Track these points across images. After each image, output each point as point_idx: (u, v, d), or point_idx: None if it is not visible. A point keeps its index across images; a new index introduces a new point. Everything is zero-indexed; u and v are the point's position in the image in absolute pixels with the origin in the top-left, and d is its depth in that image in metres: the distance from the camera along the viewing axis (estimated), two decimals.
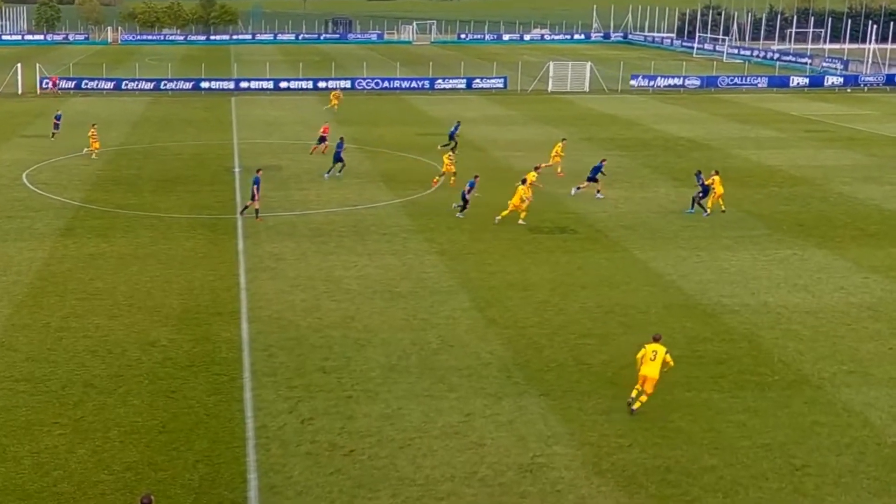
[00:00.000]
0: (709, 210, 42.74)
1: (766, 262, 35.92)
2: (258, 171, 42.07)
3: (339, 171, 50.39)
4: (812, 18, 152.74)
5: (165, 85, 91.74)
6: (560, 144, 52.63)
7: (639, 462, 20.73)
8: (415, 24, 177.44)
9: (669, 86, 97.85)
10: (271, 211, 42.60)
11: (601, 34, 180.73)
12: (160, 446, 21.10)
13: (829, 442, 21.87)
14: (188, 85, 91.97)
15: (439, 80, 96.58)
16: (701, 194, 43.13)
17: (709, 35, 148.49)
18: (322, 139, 55.67)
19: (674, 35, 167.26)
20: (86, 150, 54.91)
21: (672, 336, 27.96)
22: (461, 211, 41.02)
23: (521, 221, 40.33)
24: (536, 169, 45.21)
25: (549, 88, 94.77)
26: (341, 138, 52.47)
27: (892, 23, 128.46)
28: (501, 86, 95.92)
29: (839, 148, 61.54)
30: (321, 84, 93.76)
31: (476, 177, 41.92)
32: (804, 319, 29.75)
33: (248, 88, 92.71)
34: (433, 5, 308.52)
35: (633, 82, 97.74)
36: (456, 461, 20.63)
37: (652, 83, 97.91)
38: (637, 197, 46.66)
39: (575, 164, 54.82)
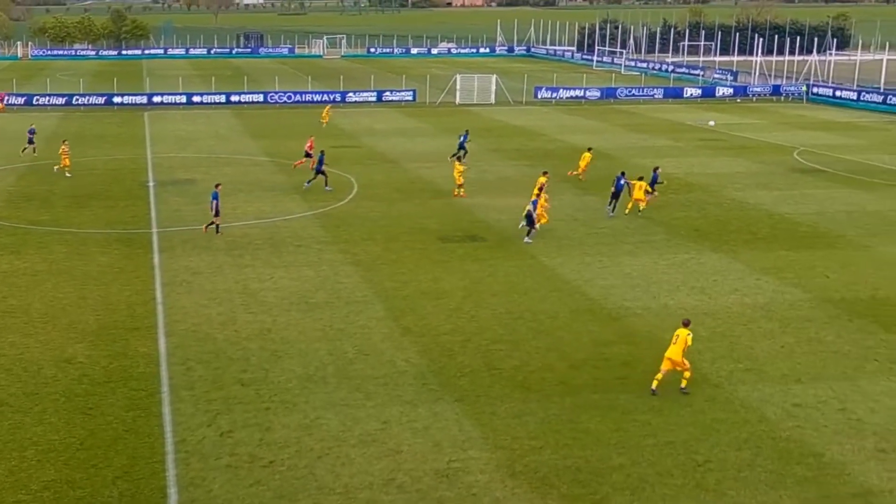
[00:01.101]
0: (626, 211, 44.29)
1: (666, 266, 36.38)
2: (217, 185, 41.36)
3: (325, 185, 49.87)
4: (703, 32, 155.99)
5: (77, 100, 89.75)
6: (588, 154, 53.67)
7: (550, 463, 20.82)
8: (325, 38, 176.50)
9: (571, 97, 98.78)
10: (186, 224, 42.06)
11: (505, 48, 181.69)
12: (78, 464, 20.57)
13: (729, 438, 22.20)
14: (101, 100, 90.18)
15: (350, 94, 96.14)
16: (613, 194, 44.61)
17: (607, 48, 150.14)
18: (307, 154, 54.37)
19: (574, 48, 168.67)
20: (56, 167, 53.51)
21: (579, 339, 28.34)
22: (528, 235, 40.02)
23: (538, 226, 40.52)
24: (545, 174, 46.09)
25: (457, 101, 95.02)
26: (322, 152, 51.81)
27: (776, 36, 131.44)
28: (411, 98, 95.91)
29: (731, 156, 62.59)
30: (234, 98, 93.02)
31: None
32: (702, 320, 30.05)
33: (161, 103, 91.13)
34: (343, 20, 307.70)
35: (537, 94, 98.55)
36: (374, 468, 20.50)
37: (555, 95, 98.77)
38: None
39: (484, 174, 55.26)
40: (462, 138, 59.89)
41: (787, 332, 29.30)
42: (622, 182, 44.29)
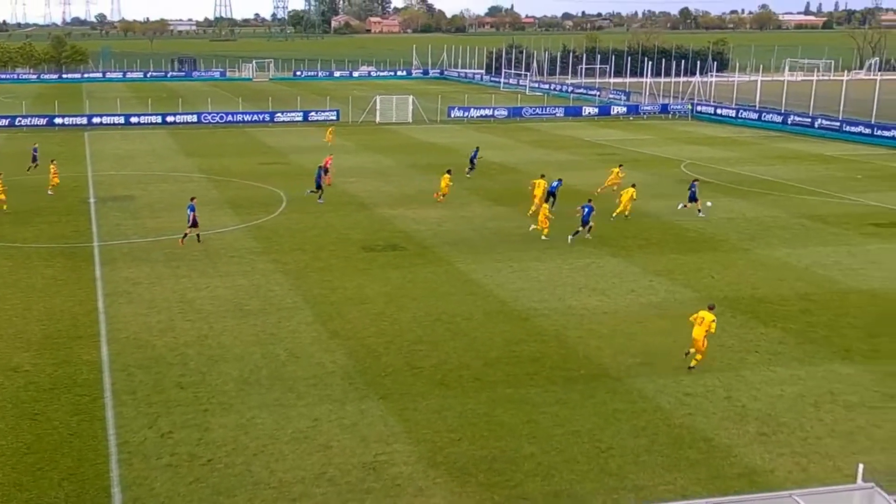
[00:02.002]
0: (613, 215, 45.45)
1: (570, 270, 36.65)
2: (192, 199, 41.11)
3: (320, 197, 50.34)
4: (598, 56, 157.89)
5: (20, 121, 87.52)
6: (617, 169, 53.79)
7: (468, 454, 20.85)
8: (254, 62, 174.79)
9: (481, 116, 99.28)
10: (126, 238, 41.33)
11: (421, 71, 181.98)
12: (26, 468, 20.05)
13: (628, 426, 22.44)
14: (42, 121, 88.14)
15: (278, 114, 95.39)
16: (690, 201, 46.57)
17: (513, 71, 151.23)
18: (325, 170, 54.38)
19: (483, 71, 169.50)
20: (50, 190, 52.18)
21: (492, 339, 28.41)
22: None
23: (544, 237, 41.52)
24: (560, 181, 48.03)
25: (377, 120, 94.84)
26: (319, 167, 52.31)
27: (664, 60, 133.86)
28: (335, 118, 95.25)
29: (626, 168, 63.18)
30: (169, 118, 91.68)
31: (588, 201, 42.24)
32: (603, 319, 30.46)
33: (101, 124, 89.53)
34: (270, 45, 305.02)
35: (450, 113, 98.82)
36: (306, 463, 20.33)
37: (466, 114, 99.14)
38: (457, 216, 46.97)
39: (402, 188, 55.21)
40: (473, 154, 61.05)
41: (679, 327, 29.41)
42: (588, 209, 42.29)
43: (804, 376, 25.65)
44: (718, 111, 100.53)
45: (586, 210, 41.28)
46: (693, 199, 47.22)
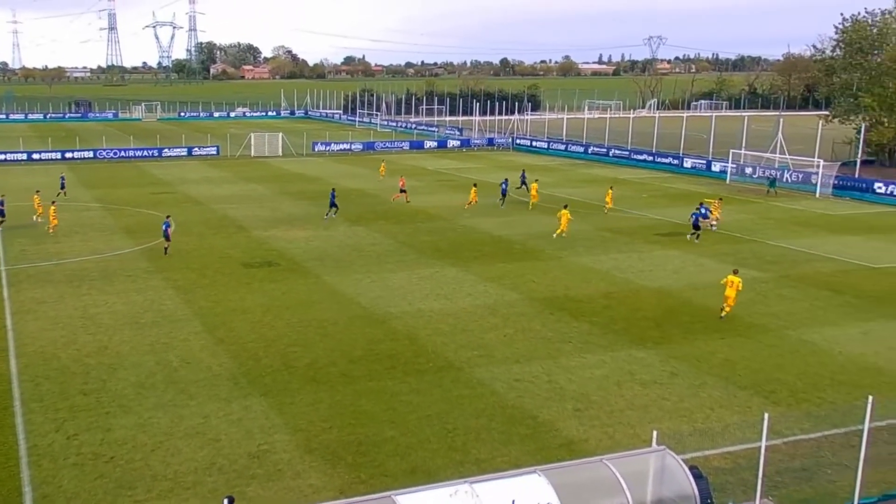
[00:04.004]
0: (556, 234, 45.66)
1: (417, 279, 36.71)
2: (168, 216, 42.50)
3: (335, 214, 51.37)
4: (436, 98, 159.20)
5: None
6: (610, 191, 55.24)
7: (338, 440, 20.58)
8: (143, 104, 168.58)
9: (341, 149, 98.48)
10: (31, 262, 39.10)
11: (288, 111, 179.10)
12: None
13: (470, 409, 22.57)
14: None
15: (165, 149, 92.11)
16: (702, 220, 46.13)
17: (366, 111, 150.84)
18: (402, 190, 58.13)
19: (341, 111, 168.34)
20: (46, 223, 48.29)
21: (355, 340, 28.15)
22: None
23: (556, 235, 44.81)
24: (565, 207, 47.28)
25: (252, 154, 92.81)
26: (333, 189, 53.21)
27: (488, 101, 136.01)
28: (215, 153, 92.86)
29: (461, 193, 63.52)
30: (68, 154, 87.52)
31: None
32: (446, 319, 30.59)
33: (5, 160, 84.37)
34: (157, 89, 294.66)
35: (314, 147, 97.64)
36: (198, 456, 19.64)
37: (328, 148, 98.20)
38: (322, 235, 46.42)
39: (275, 212, 54.17)
40: (521, 176, 65.01)
41: (508, 324, 30.11)
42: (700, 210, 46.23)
43: (608, 361, 26.37)
44: (534, 143, 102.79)
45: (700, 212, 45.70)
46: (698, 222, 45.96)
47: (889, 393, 23.46)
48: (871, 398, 17.18)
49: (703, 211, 46.52)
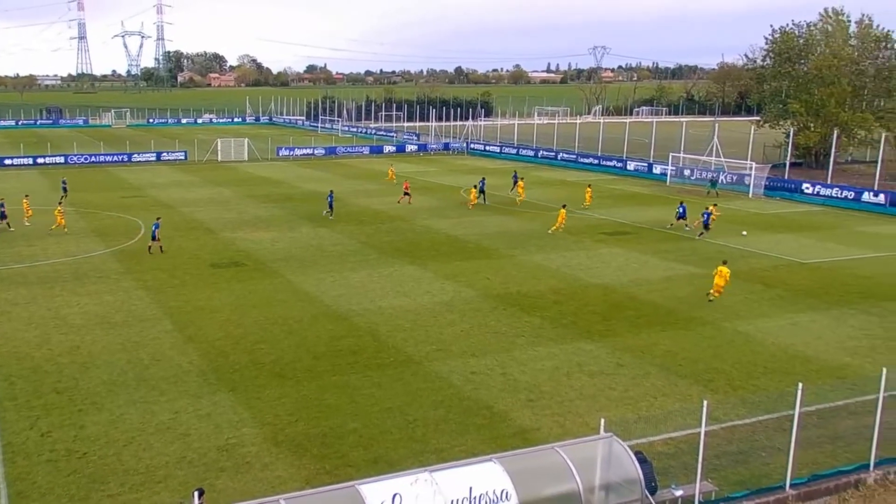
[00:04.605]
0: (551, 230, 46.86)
1: (378, 277, 36.56)
2: (158, 218, 42.68)
3: (331, 215, 51.88)
4: (394, 105, 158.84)
5: None
6: (589, 189, 57.31)
7: (304, 432, 20.39)
8: (113, 111, 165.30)
9: (304, 154, 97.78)
10: (4, 265, 38.19)
11: (254, 118, 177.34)
12: None
13: (429, 401, 22.51)
14: None
15: (135, 155, 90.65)
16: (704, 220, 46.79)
17: (328, 117, 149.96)
18: (406, 193, 58.55)
19: (304, 118, 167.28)
20: (30, 224, 48.31)
21: (319, 336, 27.93)
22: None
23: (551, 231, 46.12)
24: (564, 206, 48.57)
25: (219, 159, 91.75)
26: (331, 191, 54.79)
27: (444, 107, 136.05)
28: (183, 158, 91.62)
29: (419, 194, 63.54)
30: (39, 160, 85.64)
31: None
32: (405, 316, 30.47)
33: None
34: (126, 97, 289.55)
35: (279, 152, 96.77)
36: (169, 450, 19.31)
37: (292, 153, 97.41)
38: (287, 237, 46.03)
39: (242, 214, 53.60)
40: (514, 177, 65.02)
41: (464, 320, 30.08)
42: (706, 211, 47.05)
43: (558, 353, 26.47)
44: (487, 147, 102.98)
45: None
46: (682, 216, 48.89)
47: (817, 380, 23.94)
48: (800, 385, 17.53)
49: (705, 215, 47.15)
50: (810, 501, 17.66)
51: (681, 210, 49.12)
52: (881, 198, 58.96)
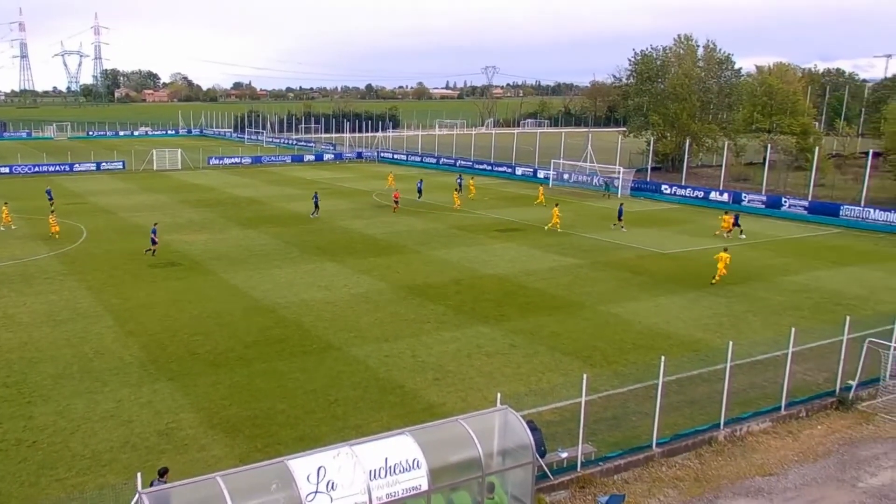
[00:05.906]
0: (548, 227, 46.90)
1: (301, 273, 35.97)
2: (155, 224, 41.25)
3: (317, 214, 51.76)
4: (313, 118, 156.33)
5: None
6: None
7: (237, 416, 19.92)
8: (55, 124, 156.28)
9: (232, 163, 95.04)
10: None
11: (186, 130, 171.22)
12: None
13: (349, 382, 22.33)
14: None
15: (76, 165, 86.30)
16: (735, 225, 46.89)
17: (253, 129, 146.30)
18: (396, 201, 56.72)
19: (232, 130, 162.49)
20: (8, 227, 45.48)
21: (249, 328, 27.30)
22: None
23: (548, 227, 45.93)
24: (556, 205, 49.39)
25: (155, 168, 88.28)
26: (316, 193, 55.50)
27: (357, 120, 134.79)
28: (121, 167, 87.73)
29: (337, 198, 62.88)
30: None
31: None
32: (326, 307, 30.11)
33: None
34: (67, 111, 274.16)
35: (209, 161, 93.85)
36: (113, 436, 18.56)
37: (221, 161, 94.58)
38: (218, 238, 44.73)
39: (176, 218, 51.78)
40: (458, 180, 64.04)
41: (378, 309, 29.94)
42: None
43: (460, 337, 26.62)
44: (395, 156, 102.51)
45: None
46: (620, 216, 48.89)
47: (677, 353, 24.88)
48: (663, 358, 18.18)
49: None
50: (673, 457, 18.36)
51: (620, 210, 49.73)
52: (725, 196, 61.78)
